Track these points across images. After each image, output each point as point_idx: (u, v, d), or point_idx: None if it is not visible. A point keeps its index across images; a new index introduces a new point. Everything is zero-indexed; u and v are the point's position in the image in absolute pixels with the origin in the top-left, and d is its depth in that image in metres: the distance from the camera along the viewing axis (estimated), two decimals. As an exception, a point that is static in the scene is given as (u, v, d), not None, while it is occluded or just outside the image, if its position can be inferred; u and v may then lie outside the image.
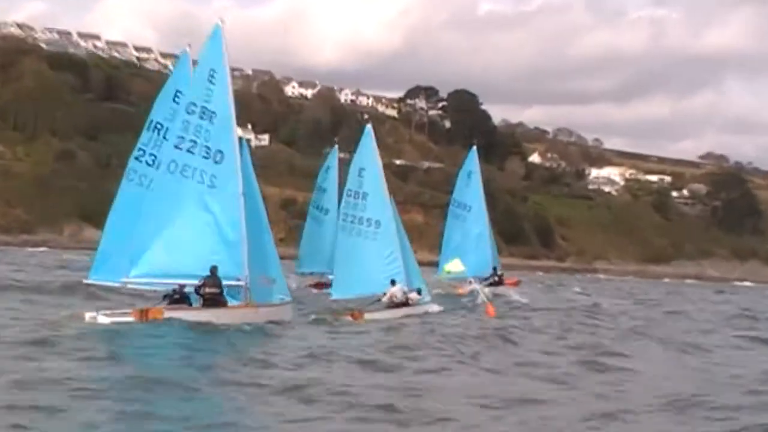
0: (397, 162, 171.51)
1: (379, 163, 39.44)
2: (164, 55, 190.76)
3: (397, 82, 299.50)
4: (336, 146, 56.37)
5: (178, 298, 25.87)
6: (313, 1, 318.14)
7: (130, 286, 26.68)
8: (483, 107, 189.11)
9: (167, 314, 24.66)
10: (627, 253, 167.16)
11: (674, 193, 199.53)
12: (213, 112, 26.41)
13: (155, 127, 26.77)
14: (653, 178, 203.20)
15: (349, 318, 32.68)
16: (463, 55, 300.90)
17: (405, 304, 35.60)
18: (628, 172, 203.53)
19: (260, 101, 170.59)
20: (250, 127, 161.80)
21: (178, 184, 26.18)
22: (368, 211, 37.94)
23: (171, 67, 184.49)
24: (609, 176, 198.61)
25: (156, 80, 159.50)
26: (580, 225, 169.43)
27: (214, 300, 25.57)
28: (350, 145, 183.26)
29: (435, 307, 36.86)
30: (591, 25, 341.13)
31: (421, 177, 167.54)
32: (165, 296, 26.14)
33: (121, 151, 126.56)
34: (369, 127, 40.85)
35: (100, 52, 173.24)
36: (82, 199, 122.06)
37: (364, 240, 37.62)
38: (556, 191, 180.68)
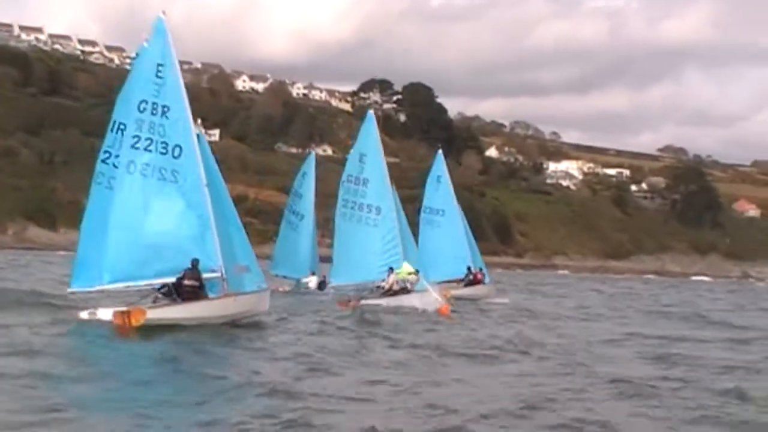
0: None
1: (381, 149, 39.88)
2: (110, 49, 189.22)
3: (350, 75, 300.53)
4: (312, 153, 56.24)
5: (166, 291, 25.77)
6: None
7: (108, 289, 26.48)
8: (439, 100, 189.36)
9: (150, 314, 24.46)
10: (586, 249, 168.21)
11: (633, 187, 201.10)
12: (165, 107, 26.30)
13: (118, 127, 26.57)
14: (612, 171, 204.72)
15: (340, 307, 33.51)
16: (418, 48, 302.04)
17: (404, 290, 35.93)
18: (587, 166, 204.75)
19: (210, 95, 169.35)
20: (199, 122, 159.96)
21: (139, 183, 26.11)
22: (369, 198, 38.53)
23: (117, 61, 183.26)
24: (567, 170, 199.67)
25: (101, 74, 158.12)
26: (539, 220, 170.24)
27: (194, 293, 25.54)
28: (302, 141, 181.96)
29: (433, 297, 36.22)
30: (547, 16, 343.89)
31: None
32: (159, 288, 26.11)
33: (65, 147, 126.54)
34: (371, 113, 41.89)
35: (42, 46, 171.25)
36: (25, 197, 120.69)
37: (365, 226, 38.21)
38: (513, 186, 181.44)
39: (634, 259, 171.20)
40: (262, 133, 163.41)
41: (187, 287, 25.48)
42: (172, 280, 25.65)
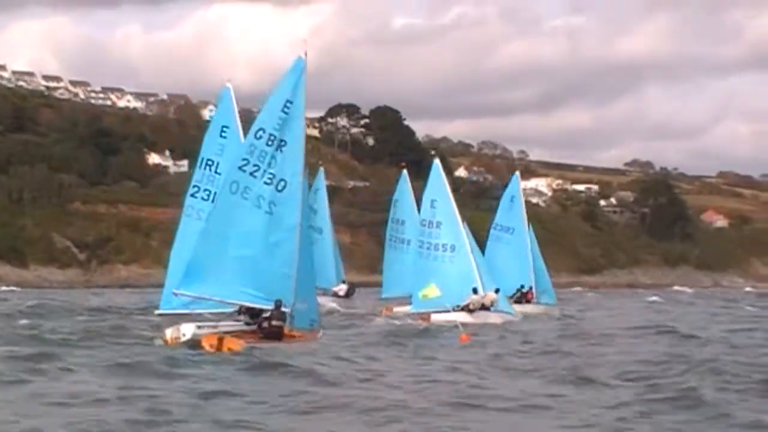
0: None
1: (449, 192, 44.93)
2: (74, 83, 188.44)
3: (316, 101, 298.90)
4: (321, 168, 63.12)
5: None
6: (222, 23, 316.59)
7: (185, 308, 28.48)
8: (406, 123, 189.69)
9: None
10: (559, 265, 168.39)
11: (602, 202, 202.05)
12: (283, 141, 27.39)
13: (206, 164, 29.29)
14: (581, 187, 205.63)
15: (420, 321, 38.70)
16: (382, 71, 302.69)
17: (483, 308, 40.40)
18: (555, 183, 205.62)
19: (178, 126, 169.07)
20: (168, 153, 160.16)
21: (236, 204, 27.25)
22: (443, 237, 42.86)
23: (82, 95, 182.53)
24: (536, 187, 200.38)
25: (66, 109, 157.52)
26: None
27: (278, 333, 26.70)
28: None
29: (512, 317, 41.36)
30: (507, 36, 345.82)
31: (346, 197, 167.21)
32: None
33: (34, 183, 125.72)
34: (437, 161, 46.75)
35: (6, 83, 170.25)
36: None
37: (441, 264, 42.40)
38: (484, 205, 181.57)
39: (606, 274, 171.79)
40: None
41: (274, 327, 26.59)
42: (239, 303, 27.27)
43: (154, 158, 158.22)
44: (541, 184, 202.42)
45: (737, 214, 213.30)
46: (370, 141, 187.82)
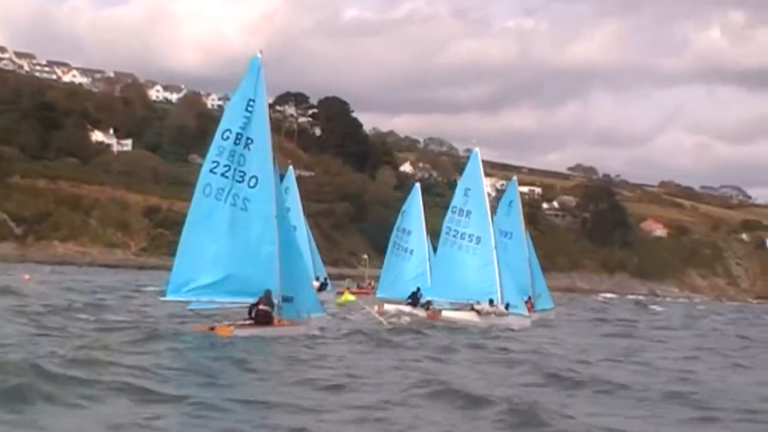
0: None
1: (484, 185, 45.02)
2: (19, 55, 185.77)
3: (267, 88, 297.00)
4: (291, 167, 61.51)
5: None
6: (173, 3, 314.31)
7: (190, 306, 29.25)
8: (354, 115, 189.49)
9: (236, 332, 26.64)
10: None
11: (545, 205, 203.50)
12: (250, 139, 28.26)
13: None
14: (524, 189, 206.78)
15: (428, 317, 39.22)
16: (331, 62, 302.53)
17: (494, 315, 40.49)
18: (500, 183, 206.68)
19: (123, 105, 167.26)
20: (112, 131, 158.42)
21: (211, 206, 28.06)
22: (471, 228, 42.84)
23: (27, 68, 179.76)
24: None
25: (10, 81, 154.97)
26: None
27: (267, 317, 27.49)
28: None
29: (524, 322, 41.12)
30: (459, 35, 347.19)
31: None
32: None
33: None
34: (477, 150, 46.23)
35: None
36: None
37: (465, 254, 42.52)
38: (429, 202, 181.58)
39: (546, 276, 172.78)
40: (176, 144, 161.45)
41: (261, 312, 27.37)
42: (234, 301, 28.13)
43: (97, 136, 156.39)
44: (486, 183, 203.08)
45: (676, 224, 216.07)
46: (317, 131, 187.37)
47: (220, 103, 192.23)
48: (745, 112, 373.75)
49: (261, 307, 27.45)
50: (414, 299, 52.48)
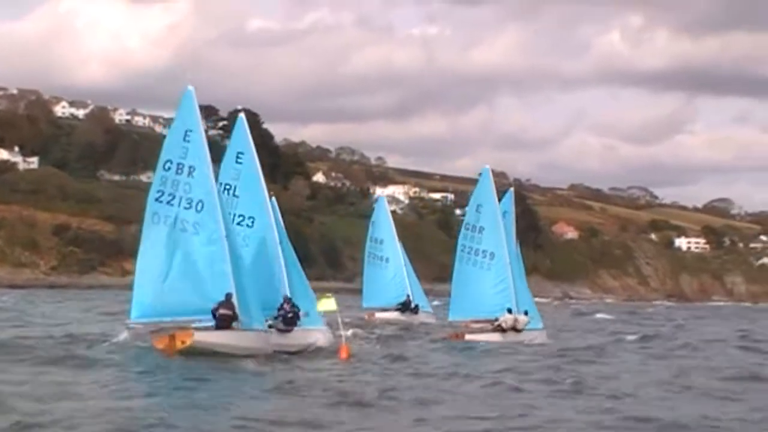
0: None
1: (496, 200, 44.73)
2: None
3: (171, 101, 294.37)
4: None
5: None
6: (74, 17, 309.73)
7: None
8: (265, 126, 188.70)
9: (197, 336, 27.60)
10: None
11: (458, 211, 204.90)
12: (192, 167, 29.39)
13: (224, 188, 31.79)
14: (437, 195, 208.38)
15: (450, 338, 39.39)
16: (238, 73, 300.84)
17: (514, 330, 40.25)
18: (412, 191, 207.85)
19: (28, 122, 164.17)
20: (17, 149, 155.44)
21: (161, 232, 29.29)
22: (484, 244, 43.16)
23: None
24: (394, 195, 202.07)
25: None
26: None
27: (226, 322, 28.21)
28: (126, 167, 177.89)
29: (542, 337, 41.31)
30: (363, 43, 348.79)
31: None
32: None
33: None
34: (488, 167, 47.13)
35: None
36: None
37: (479, 270, 42.82)
38: (341, 211, 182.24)
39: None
40: (84, 161, 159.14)
41: (222, 315, 28.15)
42: (189, 319, 28.79)
43: (2, 154, 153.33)
44: (398, 191, 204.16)
45: (587, 226, 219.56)
46: (228, 143, 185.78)
47: (128, 117, 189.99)
48: (647, 113, 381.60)
49: (221, 311, 28.16)
50: (404, 306, 53.73)
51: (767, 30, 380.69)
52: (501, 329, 40.40)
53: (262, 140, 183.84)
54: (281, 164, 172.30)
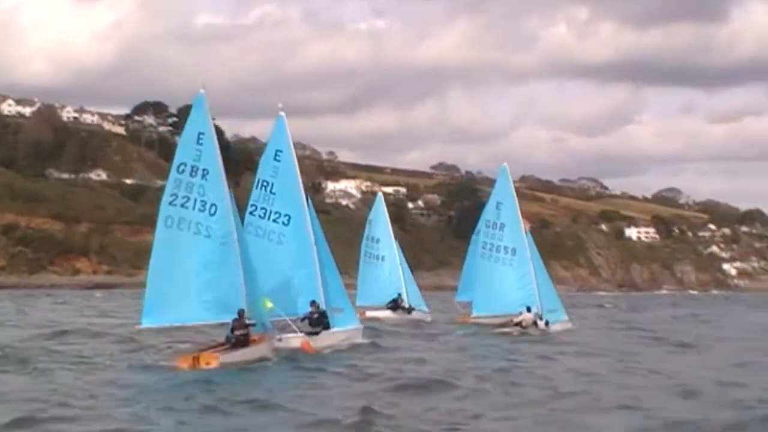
0: (128, 181, 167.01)
1: (515, 197, 45.69)
2: None
3: (120, 98, 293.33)
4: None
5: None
6: (19, 12, 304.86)
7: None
8: (216, 122, 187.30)
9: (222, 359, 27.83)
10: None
11: (410, 205, 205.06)
12: (206, 170, 29.77)
13: (262, 184, 32.79)
14: (389, 189, 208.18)
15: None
16: (186, 69, 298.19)
17: (534, 324, 41.40)
18: (364, 185, 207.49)
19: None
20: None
21: (174, 236, 29.32)
22: (505, 240, 44.10)
23: None
24: (346, 189, 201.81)
25: None
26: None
27: (244, 341, 28.85)
28: (74, 165, 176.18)
29: (565, 327, 42.58)
30: (311, 38, 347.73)
31: (154, 196, 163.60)
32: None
33: None
34: (505, 165, 47.46)
35: None
36: None
37: (501, 266, 43.86)
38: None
39: (415, 275, 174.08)
40: (32, 159, 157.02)
41: (240, 336, 28.81)
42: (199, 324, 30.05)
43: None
44: (350, 185, 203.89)
45: (538, 217, 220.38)
46: (178, 140, 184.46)
47: (76, 115, 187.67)
48: (595, 105, 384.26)
49: (237, 333, 28.76)
50: (395, 305, 53.73)
51: (710, 21, 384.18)
52: (520, 325, 41.47)
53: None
54: (232, 159, 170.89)
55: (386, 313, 53.61)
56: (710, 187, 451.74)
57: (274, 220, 32.35)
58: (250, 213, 32.44)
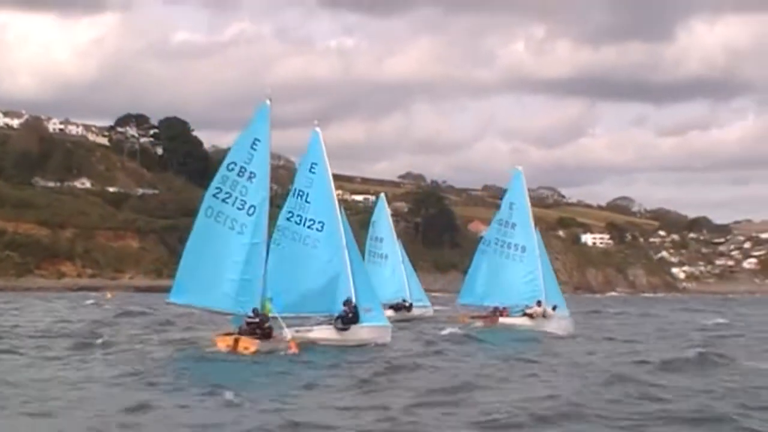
0: (111, 190, 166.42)
1: (528, 199, 46.57)
2: None
3: (102, 111, 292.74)
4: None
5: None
6: (5, 29, 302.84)
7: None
8: (194, 133, 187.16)
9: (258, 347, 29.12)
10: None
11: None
12: (253, 173, 31.03)
13: (298, 193, 33.90)
14: (359, 197, 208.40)
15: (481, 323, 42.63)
16: (166, 84, 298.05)
17: (543, 317, 42.52)
18: (336, 193, 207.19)
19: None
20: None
21: (211, 226, 30.70)
22: (516, 238, 45.06)
23: None
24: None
25: None
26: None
27: (269, 333, 30.22)
28: (60, 175, 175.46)
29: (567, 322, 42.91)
30: (283, 54, 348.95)
31: (135, 203, 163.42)
32: None
33: None
34: (520, 168, 47.51)
35: None
36: None
37: (512, 262, 44.78)
38: (270, 213, 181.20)
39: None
40: (19, 168, 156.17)
41: (266, 329, 30.11)
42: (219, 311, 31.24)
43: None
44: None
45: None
46: (159, 150, 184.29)
47: (62, 126, 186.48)
48: (551, 118, 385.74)
49: (265, 325, 30.14)
50: (397, 306, 54.10)
51: (659, 41, 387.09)
52: (530, 316, 42.74)
53: (193, 146, 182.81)
54: (210, 169, 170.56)
55: (388, 312, 53.44)
56: (660, 196, 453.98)
57: (308, 227, 33.27)
58: (287, 219, 33.49)
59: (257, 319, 30.12)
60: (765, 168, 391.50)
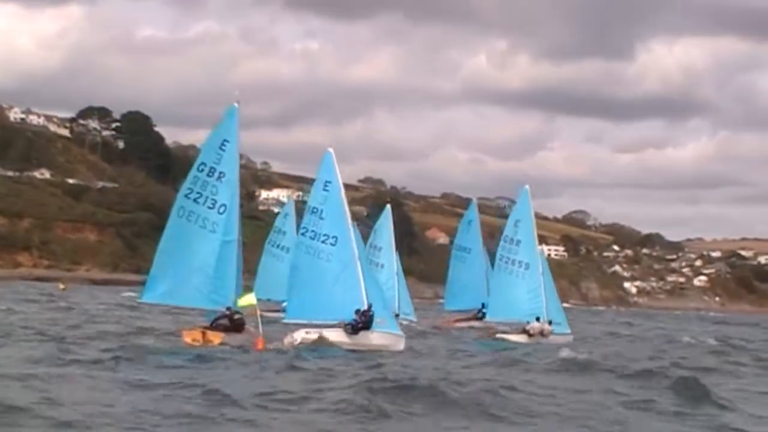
0: (70, 181, 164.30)
1: (533, 217, 47.20)
2: None
3: (64, 103, 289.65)
4: (292, 201, 68.53)
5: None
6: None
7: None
8: (156, 129, 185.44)
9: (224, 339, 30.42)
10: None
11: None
12: (222, 173, 31.87)
13: (312, 210, 34.81)
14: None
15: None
16: (129, 78, 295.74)
17: (541, 334, 42.57)
18: (296, 194, 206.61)
19: None
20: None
21: (183, 226, 31.53)
22: (520, 255, 45.68)
23: None
24: (278, 197, 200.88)
25: None
26: (253, 245, 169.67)
27: (240, 326, 31.43)
28: (20, 164, 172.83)
29: (566, 340, 42.54)
30: (248, 56, 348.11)
31: (95, 196, 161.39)
32: None
33: None
34: (527, 187, 48.10)
35: None
36: None
37: (515, 278, 45.36)
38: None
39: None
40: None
41: (238, 320, 31.27)
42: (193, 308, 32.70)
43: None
44: (282, 194, 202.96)
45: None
46: (121, 144, 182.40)
47: (23, 116, 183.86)
48: (510, 131, 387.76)
49: (236, 317, 31.17)
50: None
51: (619, 59, 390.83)
52: (528, 333, 42.72)
53: (154, 142, 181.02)
54: (172, 165, 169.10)
55: None
56: (615, 211, 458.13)
57: (323, 242, 34.04)
58: (302, 234, 34.68)
59: (228, 313, 30.86)
60: (717, 188, 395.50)
